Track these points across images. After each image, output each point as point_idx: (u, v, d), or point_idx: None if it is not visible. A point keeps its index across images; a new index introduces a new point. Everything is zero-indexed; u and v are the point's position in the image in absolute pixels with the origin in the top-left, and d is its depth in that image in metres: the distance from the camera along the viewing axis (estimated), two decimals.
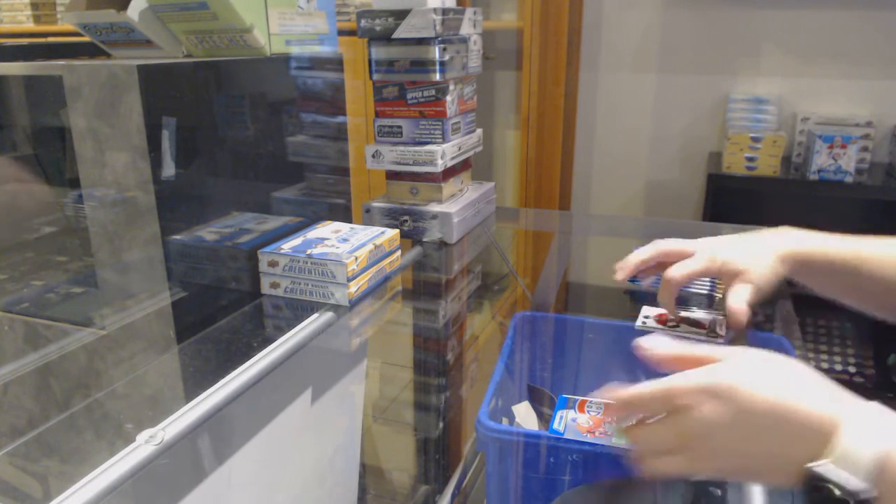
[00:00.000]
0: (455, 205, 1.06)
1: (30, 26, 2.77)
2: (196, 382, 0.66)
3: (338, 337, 0.84)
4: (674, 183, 2.47)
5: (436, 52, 0.98)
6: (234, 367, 0.66)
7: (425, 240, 1.05)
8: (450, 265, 1.06)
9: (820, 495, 0.43)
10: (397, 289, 0.95)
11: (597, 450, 0.70)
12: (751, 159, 2.09)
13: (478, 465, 1.07)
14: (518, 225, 1.40)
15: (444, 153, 1.02)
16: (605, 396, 0.52)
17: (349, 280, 0.81)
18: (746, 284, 0.69)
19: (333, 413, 0.96)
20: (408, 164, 1.03)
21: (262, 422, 0.77)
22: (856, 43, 2.13)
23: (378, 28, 0.99)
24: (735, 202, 2.17)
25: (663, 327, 0.86)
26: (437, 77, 1.00)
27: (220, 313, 0.82)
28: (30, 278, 0.95)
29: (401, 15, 0.97)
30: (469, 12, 1.06)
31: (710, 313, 0.89)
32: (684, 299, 0.97)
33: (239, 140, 0.87)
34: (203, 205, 0.83)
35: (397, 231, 0.93)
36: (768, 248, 0.71)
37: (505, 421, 0.90)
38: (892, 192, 1.95)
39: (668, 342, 0.54)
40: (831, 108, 2.20)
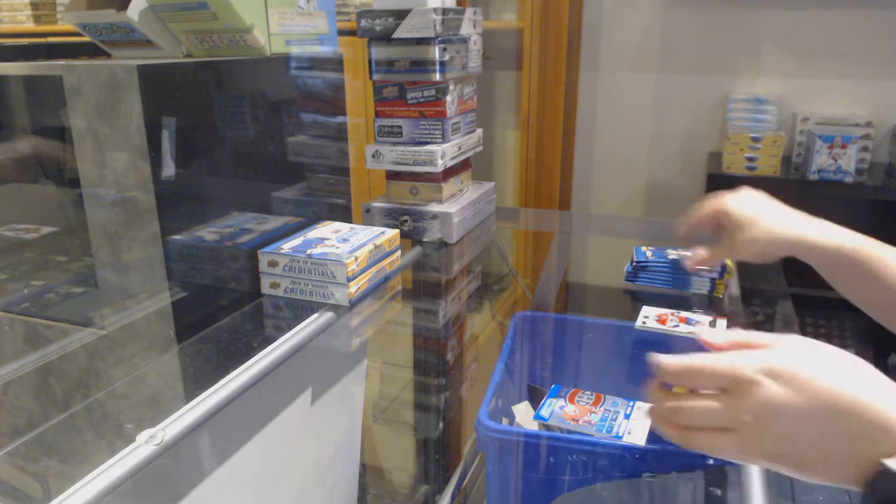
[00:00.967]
0: (455, 205, 1.06)
1: (30, 26, 2.77)
2: (196, 382, 0.66)
3: (338, 337, 0.84)
4: (674, 183, 2.47)
5: (436, 52, 0.98)
6: (234, 367, 0.66)
7: (425, 240, 1.05)
8: (450, 265, 1.06)
9: (883, 495, 0.41)
10: (397, 289, 0.95)
11: (597, 450, 0.70)
12: (751, 159, 2.09)
13: (478, 465, 1.07)
14: (518, 225, 1.40)
15: (444, 153, 1.02)
16: (651, 362, 0.51)
17: (349, 280, 0.81)
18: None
19: (333, 413, 0.96)
20: (408, 164, 1.03)
21: (262, 422, 0.77)
22: (856, 43, 2.13)
23: (378, 28, 0.99)
24: None
25: (663, 327, 0.86)
26: (437, 77, 1.00)
27: (220, 313, 0.82)
28: (30, 278, 0.95)
29: (401, 15, 0.97)
30: (469, 12, 1.06)
31: (711, 313, 0.89)
32: (684, 299, 0.97)
33: (239, 140, 0.87)
34: (203, 205, 0.83)
35: (397, 231, 0.93)
36: (794, 221, 0.73)
37: (505, 421, 0.90)
38: (892, 192, 1.95)
39: (722, 332, 0.53)
40: (831, 108, 2.20)
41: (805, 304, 0.97)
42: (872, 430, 0.43)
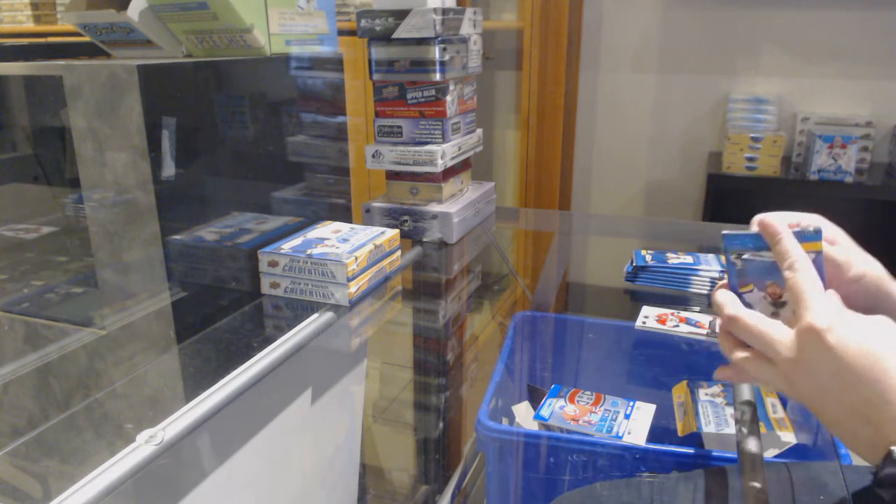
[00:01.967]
0: (455, 205, 1.06)
1: (30, 26, 2.77)
2: (196, 382, 0.66)
3: (338, 337, 0.84)
4: (674, 183, 2.47)
5: (436, 52, 0.98)
6: (234, 367, 0.66)
7: (425, 240, 1.05)
8: (450, 265, 1.06)
9: (884, 478, 0.42)
10: (397, 289, 0.95)
11: (597, 450, 0.70)
12: (751, 159, 2.09)
13: (478, 465, 1.07)
14: (518, 225, 1.40)
15: (444, 153, 1.02)
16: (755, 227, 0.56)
17: (349, 280, 0.81)
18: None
19: (333, 413, 0.96)
20: (408, 164, 1.03)
21: (262, 422, 0.77)
22: (856, 43, 2.13)
23: (378, 28, 0.99)
24: (735, 202, 2.17)
25: (663, 327, 0.86)
26: (437, 77, 0.99)
27: (220, 313, 0.82)
28: (30, 278, 0.95)
29: (401, 15, 0.97)
30: (469, 12, 1.06)
31: (710, 313, 0.89)
32: (684, 299, 0.97)
33: (239, 140, 0.87)
34: (203, 205, 0.83)
35: (397, 231, 0.93)
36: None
37: (505, 421, 0.90)
38: (892, 192, 1.95)
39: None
40: (831, 108, 2.20)
41: None
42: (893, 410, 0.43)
